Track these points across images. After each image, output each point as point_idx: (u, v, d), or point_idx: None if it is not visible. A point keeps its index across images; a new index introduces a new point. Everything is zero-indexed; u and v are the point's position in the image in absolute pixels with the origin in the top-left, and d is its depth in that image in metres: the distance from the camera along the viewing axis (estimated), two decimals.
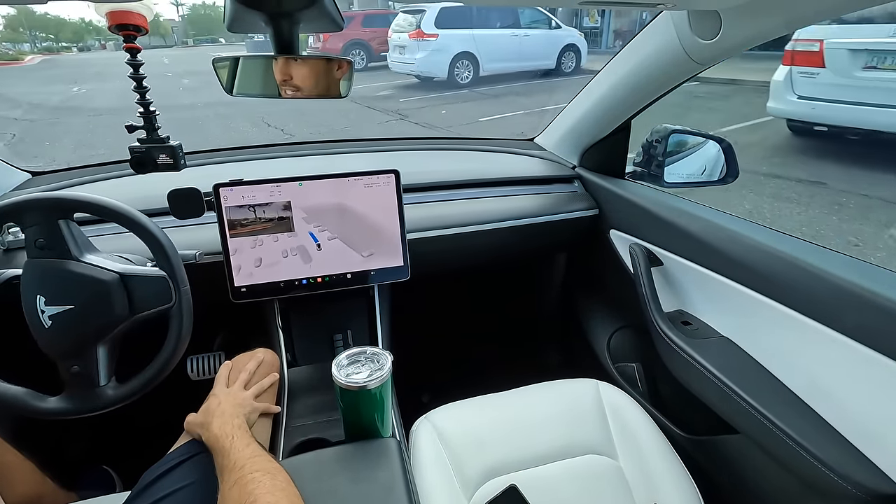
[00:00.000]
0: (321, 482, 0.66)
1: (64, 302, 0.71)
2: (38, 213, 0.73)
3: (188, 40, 39.35)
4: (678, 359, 0.93)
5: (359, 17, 11.11)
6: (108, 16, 0.68)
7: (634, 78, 1.02)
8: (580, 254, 1.45)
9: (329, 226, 0.96)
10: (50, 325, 0.71)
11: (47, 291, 0.71)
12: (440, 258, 1.18)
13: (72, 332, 0.72)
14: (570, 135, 1.34)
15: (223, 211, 0.90)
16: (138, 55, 0.75)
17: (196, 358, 1.11)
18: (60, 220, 0.73)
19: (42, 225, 0.73)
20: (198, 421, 0.74)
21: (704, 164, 1.18)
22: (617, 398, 0.97)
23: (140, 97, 0.78)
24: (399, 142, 1.55)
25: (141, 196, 0.87)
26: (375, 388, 0.68)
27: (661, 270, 1.08)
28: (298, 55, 0.66)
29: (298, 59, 0.66)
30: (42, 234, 0.73)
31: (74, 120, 6.79)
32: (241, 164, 1.28)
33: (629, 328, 1.30)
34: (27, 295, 0.71)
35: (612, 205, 1.23)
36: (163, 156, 0.82)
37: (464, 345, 1.66)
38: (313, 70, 0.70)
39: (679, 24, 0.83)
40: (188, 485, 0.68)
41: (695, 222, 0.98)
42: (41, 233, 0.73)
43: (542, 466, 0.86)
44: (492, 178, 1.30)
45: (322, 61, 0.68)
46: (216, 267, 0.92)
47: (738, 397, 0.81)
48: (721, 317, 0.96)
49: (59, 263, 0.73)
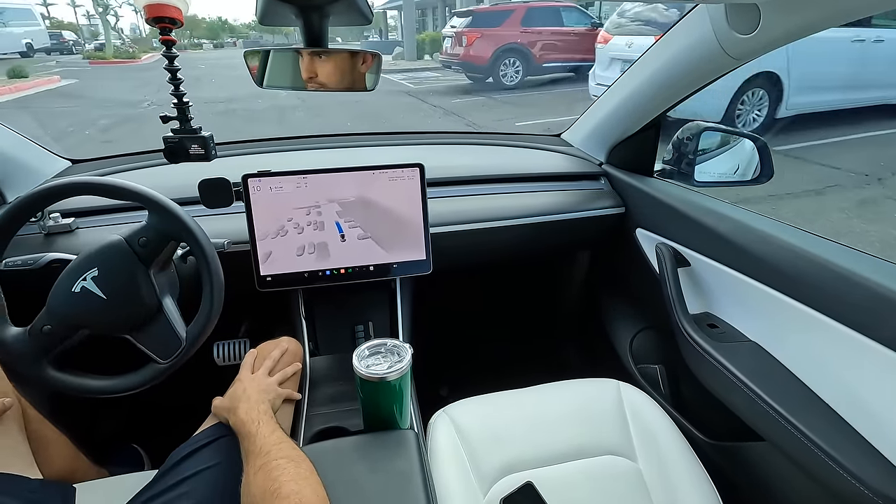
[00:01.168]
0: (340, 470, 0.67)
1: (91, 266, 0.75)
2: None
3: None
4: (703, 362, 0.91)
5: (520, 12, 8.16)
6: (146, 9, 0.70)
7: (666, 73, 0.99)
8: (604, 252, 1.43)
9: (353, 218, 0.97)
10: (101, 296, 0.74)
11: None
12: (463, 253, 1.18)
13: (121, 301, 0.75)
14: (597, 131, 1.32)
15: (251, 201, 0.92)
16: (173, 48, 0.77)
17: (222, 344, 1.14)
18: None
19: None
20: (224, 405, 0.76)
21: (737, 163, 1.14)
22: (638, 399, 0.95)
23: (174, 89, 0.80)
24: (425, 135, 1.55)
25: (173, 185, 0.89)
26: (395, 379, 0.69)
27: (688, 271, 1.05)
28: (326, 48, 0.67)
29: (326, 53, 0.67)
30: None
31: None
32: (270, 156, 1.30)
33: (652, 329, 1.28)
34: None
35: (640, 203, 1.20)
36: (195, 146, 0.84)
37: (483, 340, 1.66)
38: (340, 63, 0.70)
39: (715, 18, 0.81)
40: (213, 465, 0.70)
41: (724, 222, 0.95)
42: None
43: (560, 465, 0.85)
44: (516, 174, 1.29)
45: (348, 54, 0.69)
46: (243, 256, 0.94)
47: (765, 404, 0.79)
48: (749, 320, 0.93)
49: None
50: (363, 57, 0.71)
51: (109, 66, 15.31)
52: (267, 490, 0.56)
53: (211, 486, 0.68)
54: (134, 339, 0.76)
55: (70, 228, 0.99)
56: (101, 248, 0.76)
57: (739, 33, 0.77)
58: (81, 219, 1.01)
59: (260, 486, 0.57)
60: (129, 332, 0.76)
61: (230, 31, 50.34)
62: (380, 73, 0.74)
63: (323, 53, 0.69)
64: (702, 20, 0.84)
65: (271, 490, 0.55)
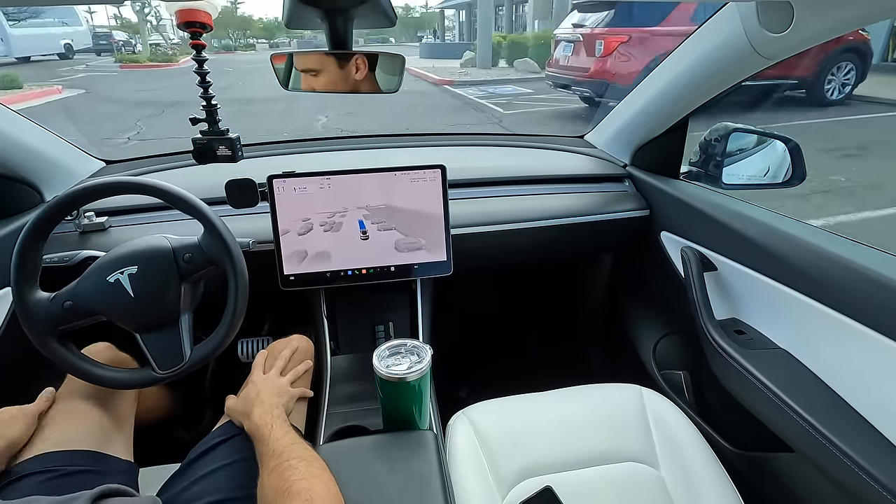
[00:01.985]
0: (358, 469, 0.67)
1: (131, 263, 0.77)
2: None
3: (359, 39, 38.60)
4: (730, 369, 0.89)
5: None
6: (177, 14, 0.72)
7: (694, 73, 0.97)
8: (628, 255, 1.41)
9: (375, 219, 0.98)
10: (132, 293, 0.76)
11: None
12: (483, 254, 1.17)
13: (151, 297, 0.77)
14: (622, 132, 1.30)
15: (276, 201, 0.94)
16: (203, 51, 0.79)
17: (246, 341, 1.16)
18: None
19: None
20: (238, 409, 0.77)
21: (768, 166, 1.11)
22: (661, 406, 0.94)
23: (203, 91, 0.83)
24: (447, 137, 1.55)
25: (202, 185, 0.91)
26: (414, 380, 0.69)
27: (715, 276, 1.03)
28: (351, 51, 0.67)
29: (349, 55, 0.68)
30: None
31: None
32: (293, 157, 1.32)
33: (677, 334, 1.25)
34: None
35: (665, 205, 1.18)
36: (222, 147, 0.87)
37: (503, 342, 1.65)
38: (362, 65, 0.71)
39: (746, 17, 0.79)
40: (229, 464, 0.72)
41: (753, 226, 0.92)
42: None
43: (580, 470, 0.84)
44: (539, 175, 1.28)
45: (372, 56, 0.70)
46: (267, 255, 0.96)
47: (794, 414, 0.76)
48: (779, 327, 0.90)
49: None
50: (386, 59, 0.72)
51: (141, 70, 14.44)
52: (279, 490, 0.57)
53: (227, 485, 0.70)
54: (142, 339, 0.78)
55: (103, 227, 1.02)
56: (147, 249, 0.78)
57: (771, 32, 0.75)
58: (114, 218, 1.05)
59: (272, 487, 0.58)
60: (140, 331, 0.78)
61: (286, 32, 51.15)
62: (403, 75, 0.74)
63: (347, 56, 0.69)
64: (731, 19, 0.82)
65: (283, 489, 0.56)
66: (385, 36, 45.48)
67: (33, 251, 0.74)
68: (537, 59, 11.85)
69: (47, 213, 0.75)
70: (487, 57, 12.76)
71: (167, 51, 17.67)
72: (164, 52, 17.12)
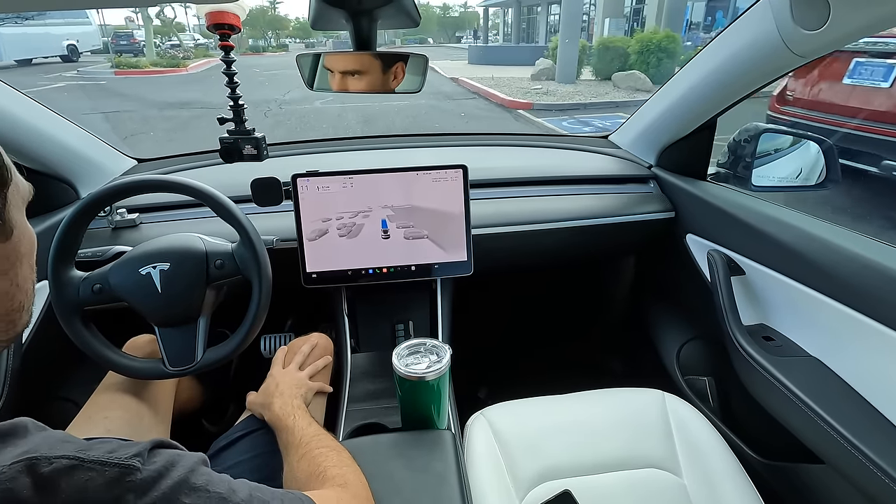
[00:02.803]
0: (377, 466, 0.68)
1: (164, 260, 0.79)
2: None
3: (396, 40, 33.89)
4: (757, 376, 0.86)
5: None
6: (207, 16, 0.74)
7: (724, 72, 0.94)
8: (652, 258, 1.38)
9: (396, 218, 0.99)
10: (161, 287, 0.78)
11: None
12: (504, 255, 1.17)
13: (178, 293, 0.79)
14: (647, 132, 1.28)
15: (299, 199, 0.95)
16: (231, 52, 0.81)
17: (269, 337, 1.18)
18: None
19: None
20: (259, 401, 0.79)
21: (800, 167, 1.08)
22: (684, 412, 0.92)
23: (231, 91, 0.84)
24: (469, 137, 1.55)
25: (228, 183, 0.93)
26: (433, 379, 0.69)
27: (743, 280, 1.00)
28: (375, 51, 0.68)
29: (373, 55, 0.68)
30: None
31: None
32: (316, 156, 1.34)
33: (701, 340, 1.22)
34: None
35: (691, 207, 1.15)
36: (248, 146, 0.88)
37: (523, 343, 1.64)
38: (386, 65, 0.72)
39: (779, 13, 0.76)
40: (249, 458, 0.74)
41: (784, 230, 0.90)
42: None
43: (599, 475, 0.83)
44: (561, 176, 1.27)
45: (393, 56, 0.70)
46: (290, 253, 0.97)
47: (825, 424, 0.74)
48: (809, 334, 0.87)
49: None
50: (409, 59, 0.72)
51: (139, 76, 12.24)
52: (312, 474, 0.58)
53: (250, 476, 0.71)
54: (159, 333, 0.80)
55: (134, 223, 1.05)
56: (182, 250, 0.80)
57: (806, 29, 0.73)
58: (144, 214, 1.08)
59: (305, 471, 0.60)
60: (159, 325, 0.80)
61: (323, 31, 51.01)
62: (426, 75, 0.75)
63: (371, 56, 0.70)
64: (764, 16, 0.80)
65: (316, 473, 0.58)
66: (423, 36, 43.26)
67: (72, 237, 0.77)
68: (646, 69, 9.13)
69: (91, 209, 0.78)
70: (572, 67, 9.76)
71: (177, 54, 15.84)
72: (173, 56, 15.04)
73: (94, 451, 0.34)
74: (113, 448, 0.35)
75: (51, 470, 0.31)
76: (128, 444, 0.36)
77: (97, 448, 0.34)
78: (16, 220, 0.39)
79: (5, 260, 0.39)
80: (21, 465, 0.31)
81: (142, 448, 0.36)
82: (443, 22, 48.33)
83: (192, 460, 0.39)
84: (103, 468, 0.33)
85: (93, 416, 0.79)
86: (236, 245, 0.82)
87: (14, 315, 0.41)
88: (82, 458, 0.33)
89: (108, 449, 0.35)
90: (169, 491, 0.35)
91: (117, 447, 0.35)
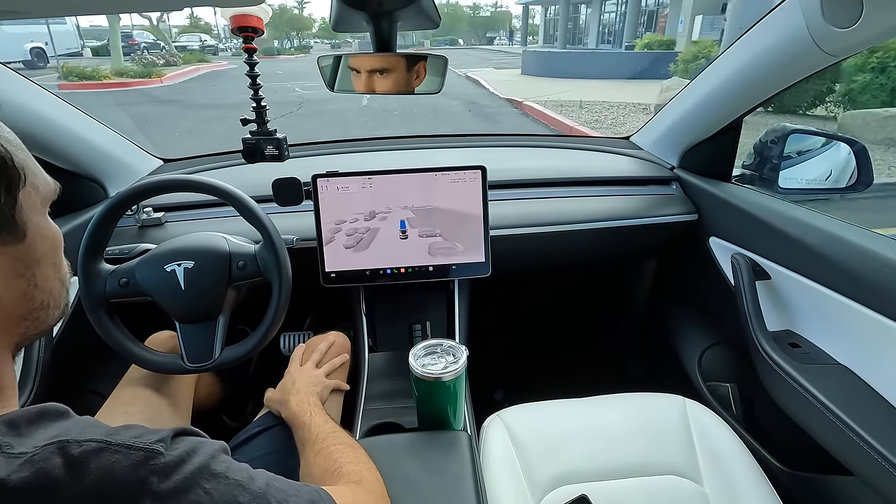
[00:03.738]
0: (393, 465, 0.68)
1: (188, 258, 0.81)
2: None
3: (424, 41, 32.20)
4: (782, 384, 0.84)
5: None
6: (231, 19, 0.75)
7: (750, 71, 0.92)
8: (673, 261, 1.36)
9: (415, 219, 0.99)
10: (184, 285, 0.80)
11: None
12: (522, 257, 1.16)
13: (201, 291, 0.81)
14: (669, 133, 1.25)
15: (319, 200, 0.96)
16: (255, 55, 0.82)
17: (288, 335, 1.20)
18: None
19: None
20: (276, 398, 0.81)
21: (830, 169, 1.05)
22: (706, 419, 0.90)
23: (254, 93, 0.86)
24: (488, 137, 1.55)
25: (250, 183, 0.95)
26: (450, 380, 0.69)
27: (768, 285, 0.98)
28: (395, 52, 0.68)
29: (393, 56, 0.69)
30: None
31: None
32: (336, 157, 1.35)
33: (724, 345, 1.19)
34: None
35: (715, 210, 1.13)
36: (270, 147, 0.90)
37: (540, 346, 1.63)
38: (406, 66, 0.72)
39: (809, 10, 0.74)
40: (266, 454, 0.75)
41: (813, 234, 0.87)
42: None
43: (617, 481, 0.82)
44: (581, 177, 1.26)
45: (414, 58, 0.71)
46: (310, 252, 0.99)
47: (854, 434, 0.71)
48: (838, 342, 0.85)
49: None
50: (429, 60, 0.72)
51: (95, 90, 9.50)
52: (328, 469, 0.59)
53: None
54: (179, 328, 0.82)
55: (160, 222, 1.08)
56: (207, 249, 0.82)
57: (837, 27, 0.71)
58: (169, 213, 1.10)
59: (321, 467, 0.60)
60: (180, 320, 0.82)
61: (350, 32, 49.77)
62: (445, 76, 0.75)
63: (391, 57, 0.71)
64: (793, 13, 0.78)
65: (332, 469, 0.59)
66: (453, 37, 40.24)
67: (101, 234, 0.80)
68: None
69: (118, 207, 0.80)
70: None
71: (157, 60, 13.09)
72: (151, 62, 12.40)
73: (120, 435, 0.36)
74: (138, 434, 0.37)
75: (80, 452, 0.33)
76: (152, 431, 0.38)
77: (124, 433, 0.36)
78: (31, 221, 0.39)
79: (19, 262, 0.39)
80: (53, 447, 0.32)
81: (165, 434, 0.38)
82: (474, 22, 45.85)
83: (214, 447, 0.40)
84: (129, 451, 0.34)
85: (114, 410, 0.81)
86: (259, 247, 0.83)
87: (39, 313, 0.42)
88: (110, 441, 0.34)
89: (134, 434, 0.36)
90: (190, 476, 0.36)
91: (142, 433, 0.37)
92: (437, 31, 40.44)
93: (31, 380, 0.86)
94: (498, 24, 46.61)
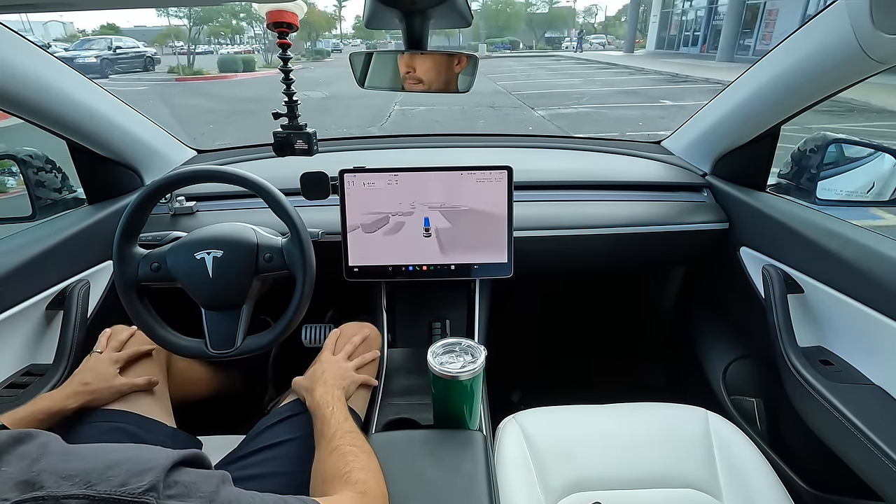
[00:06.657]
0: (407, 461, 0.69)
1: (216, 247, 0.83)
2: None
3: (480, 45, 28.16)
4: (812, 402, 0.81)
5: None
6: (267, 15, 0.77)
7: (792, 77, 0.89)
8: (701, 270, 1.32)
9: (439, 217, 0.99)
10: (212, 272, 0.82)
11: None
12: (546, 259, 1.15)
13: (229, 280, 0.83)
14: (703, 139, 1.22)
15: (345, 195, 0.98)
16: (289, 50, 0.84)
17: (309, 327, 1.22)
18: None
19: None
20: (303, 385, 0.82)
21: (872, 181, 1.00)
22: (728, 433, 0.87)
23: (286, 88, 0.87)
24: (515, 138, 1.54)
25: (279, 176, 0.97)
26: (467, 380, 0.69)
27: (800, 299, 0.94)
28: (426, 50, 0.69)
29: (424, 55, 0.69)
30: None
31: None
32: (363, 153, 1.36)
33: (751, 359, 1.16)
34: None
35: (747, 219, 1.10)
36: (300, 141, 0.91)
37: (560, 350, 1.62)
38: (436, 65, 0.72)
39: (856, 15, 0.71)
40: (291, 439, 0.76)
41: (852, 248, 0.84)
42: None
43: (633, 491, 0.81)
44: (609, 181, 1.24)
45: (445, 56, 0.71)
46: (334, 246, 1.00)
47: (888, 459, 0.68)
48: (873, 361, 0.81)
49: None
50: (458, 59, 0.72)
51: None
52: (338, 472, 0.60)
53: (288, 458, 0.74)
54: (205, 315, 0.84)
55: (192, 211, 1.11)
56: (236, 239, 0.84)
57: (886, 33, 0.68)
58: (200, 203, 1.13)
59: (332, 467, 0.61)
60: (206, 307, 0.84)
61: (389, 31, 45.76)
62: (475, 76, 0.75)
63: (422, 55, 0.71)
64: (839, 18, 0.75)
65: (342, 473, 0.59)
66: (514, 39, 33.82)
67: (136, 220, 0.83)
68: None
69: (162, 194, 0.83)
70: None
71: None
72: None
73: (103, 484, 0.32)
74: (123, 480, 0.33)
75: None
76: (142, 470, 0.34)
77: (108, 479, 0.32)
78: None
79: None
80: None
81: (156, 477, 0.33)
82: (531, 19, 39.12)
83: (213, 482, 0.37)
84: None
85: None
86: (286, 241, 0.85)
87: None
88: (92, 496, 0.31)
89: (119, 482, 0.32)
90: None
91: (128, 477, 0.33)
92: (492, 31, 35.81)
93: (65, 359, 0.90)
94: (558, 23, 39.61)
